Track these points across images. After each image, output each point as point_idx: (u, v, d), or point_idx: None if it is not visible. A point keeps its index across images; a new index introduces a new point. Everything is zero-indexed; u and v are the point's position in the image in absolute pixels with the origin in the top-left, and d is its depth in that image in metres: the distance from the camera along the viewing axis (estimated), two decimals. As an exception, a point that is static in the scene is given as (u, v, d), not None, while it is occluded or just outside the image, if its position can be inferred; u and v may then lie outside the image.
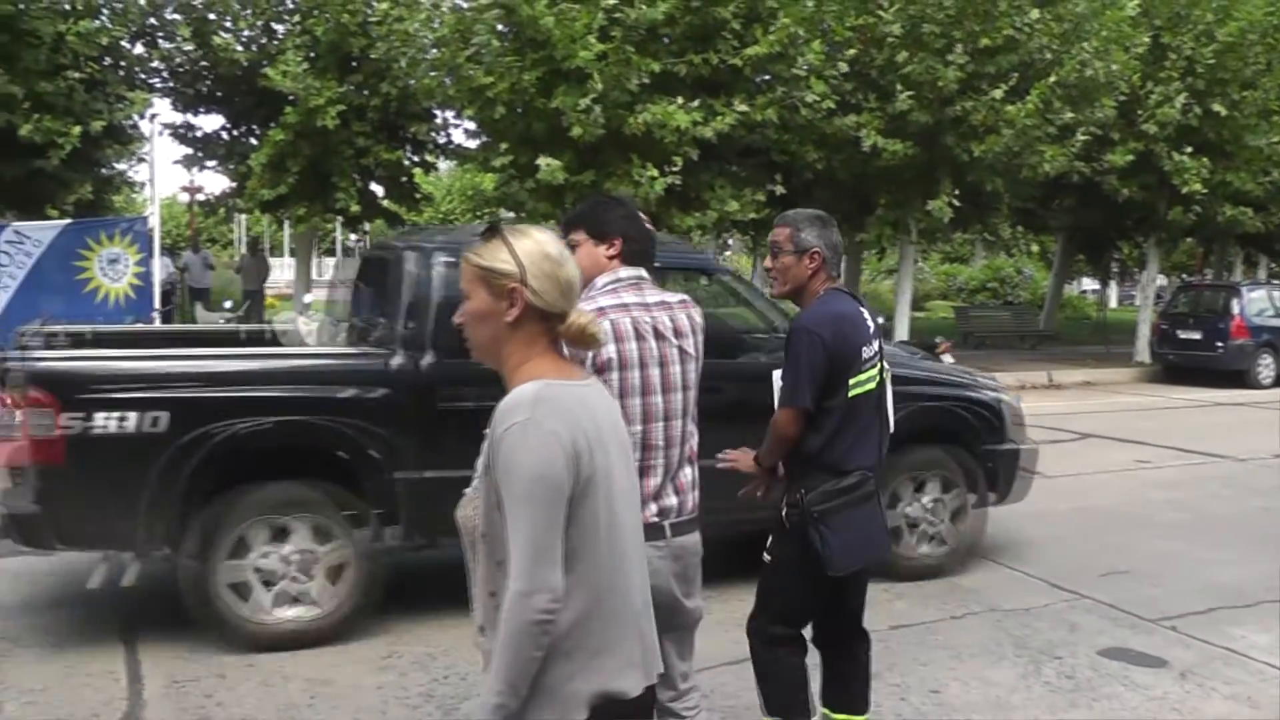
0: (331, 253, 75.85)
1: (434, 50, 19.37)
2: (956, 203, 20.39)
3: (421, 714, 5.78)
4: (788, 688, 4.84)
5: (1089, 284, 60.25)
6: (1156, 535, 9.96)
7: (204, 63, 23.59)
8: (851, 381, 4.59)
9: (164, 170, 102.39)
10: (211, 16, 22.76)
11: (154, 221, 17.49)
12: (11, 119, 20.03)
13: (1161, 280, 41.87)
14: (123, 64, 23.46)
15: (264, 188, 22.54)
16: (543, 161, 17.49)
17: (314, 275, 27.91)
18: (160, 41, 23.82)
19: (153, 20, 23.43)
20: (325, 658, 6.50)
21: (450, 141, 24.95)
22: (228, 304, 19.80)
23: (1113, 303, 55.32)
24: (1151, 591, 8.12)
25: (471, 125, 21.30)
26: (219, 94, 24.49)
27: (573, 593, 2.65)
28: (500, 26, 18.18)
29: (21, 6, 20.31)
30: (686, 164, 17.78)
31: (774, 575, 4.90)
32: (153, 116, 23.32)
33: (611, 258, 4.09)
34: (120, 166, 27.45)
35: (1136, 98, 23.05)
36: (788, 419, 4.65)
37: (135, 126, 24.76)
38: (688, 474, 4.12)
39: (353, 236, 67.71)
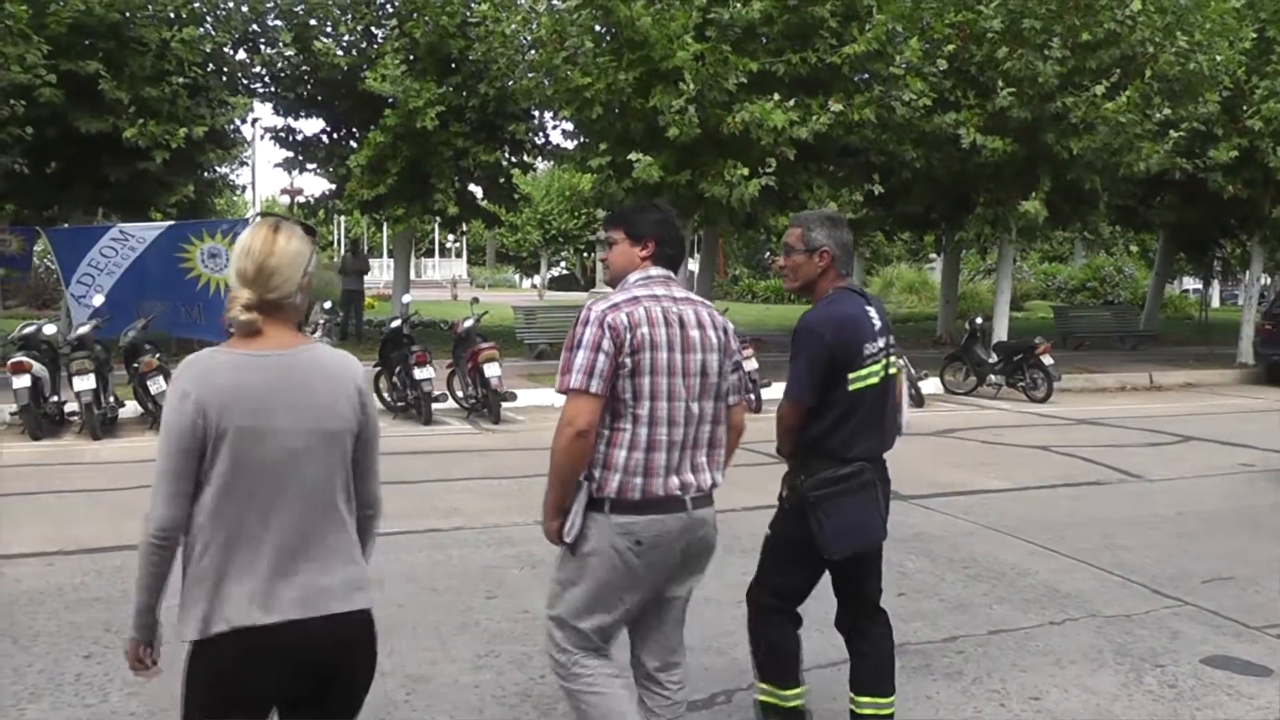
0: (430, 253, 76.36)
1: (531, 51, 19.51)
2: (1055, 200, 20.13)
3: (518, 713, 5.79)
4: (777, 655, 5.15)
5: (1191, 283, 59.22)
6: (1261, 540, 9.74)
7: (305, 67, 23.93)
8: (852, 376, 4.84)
9: (264, 173, 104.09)
10: (312, 22, 23.10)
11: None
12: (118, 122, 20.40)
13: (1266, 279, 40.98)
14: (225, 69, 23.84)
15: (363, 189, 22.81)
16: (636, 157, 17.54)
17: (412, 276, 28.11)
18: (262, 47, 24.22)
19: (255, 26, 23.84)
20: (423, 654, 6.54)
21: (548, 142, 25.12)
22: (327, 304, 20.02)
23: (1215, 302, 54.36)
24: (1256, 598, 7.94)
25: (569, 126, 21.40)
26: (319, 98, 24.82)
27: (205, 527, 3.19)
28: (597, 27, 18.25)
29: (128, 15, 20.69)
30: (783, 164, 17.72)
31: (773, 552, 5.20)
32: (254, 121, 23.73)
33: (645, 258, 4.46)
34: (222, 170, 27.87)
35: (1241, 93, 22.59)
36: (790, 411, 4.96)
37: (237, 130, 25.17)
38: (708, 458, 4.38)
39: (450, 237, 68.25)
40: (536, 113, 23.55)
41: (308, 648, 3.26)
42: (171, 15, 21.66)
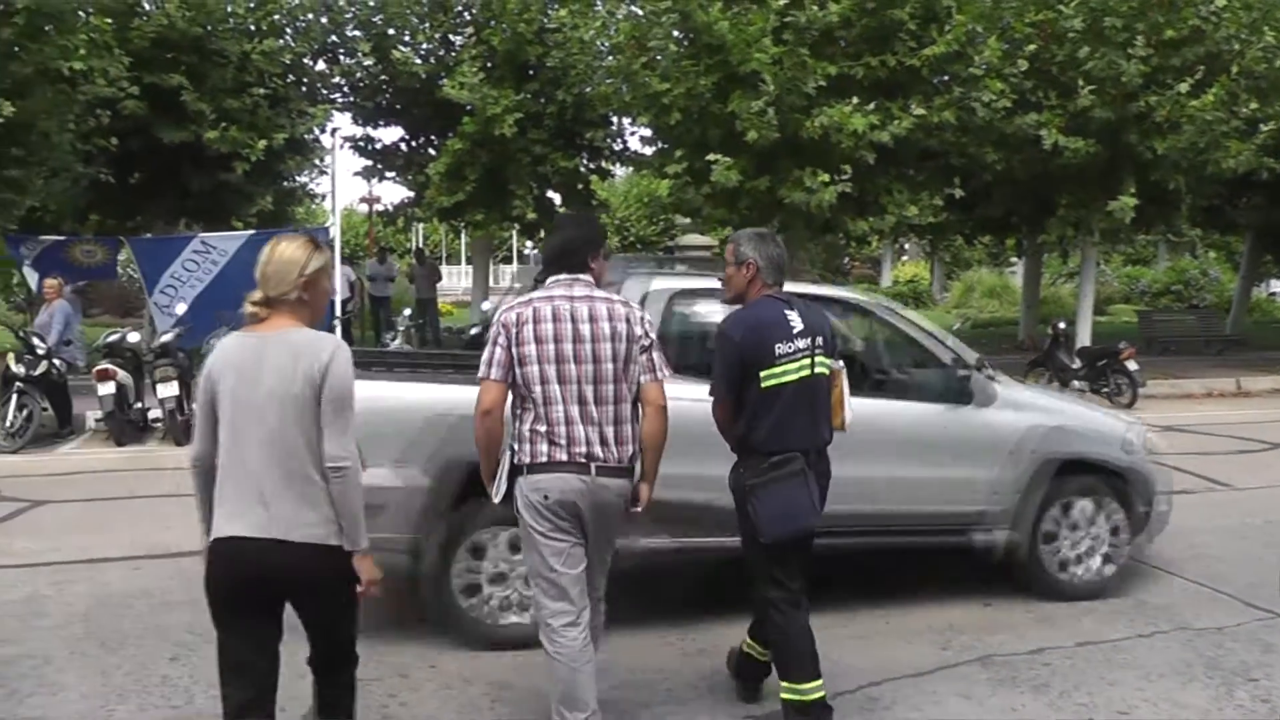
0: (509, 260, 76.64)
1: (610, 57, 19.51)
2: (1138, 201, 19.83)
3: (599, 722, 5.81)
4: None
5: (1279, 286, 58.20)
6: (1357, 549, 9.56)
7: (383, 76, 24.06)
8: (763, 375, 5.32)
9: (344, 181, 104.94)
10: (391, 31, 23.21)
11: (335, 232, 17.86)
12: (200, 132, 20.68)
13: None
14: (305, 80, 24.07)
15: (442, 196, 22.88)
16: (714, 158, 17.48)
17: (491, 282, 28.26)
18: (341, 57, 24.43)
19: (334, 37, 24.04)
20: (506, 660, 6.57)
21: (626, 148, 25.04)
22: (406, 312, 20.19)
23: (1305, 305, 53.43)
24: (1351, 609, 7.80)
25: (647, 131, 21.31)
26: (398, 106, 24.93)
27: (220, 460, 4.30)
28: (675, 32, 18.17)
29: (209, 28, 20.98)
30: (863, 168, 17.58)
31: (742, 545, 5.64)
32: (333, 130, 23.91)
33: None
34: (301, 179, 28.11)
35: (1332, 90, 22.15)
36: (716, 408, 5.60)
37: (316, 140, 25.36)
38: (615, 433, 5.10)
39: (528, 243, 68.45)
40: (614, 119, 23.53)
41: (255, 562, 4.22)
42: (252, 28, 21.96)
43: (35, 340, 15.16)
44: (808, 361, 5.39)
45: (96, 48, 18.04)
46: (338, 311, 17.76)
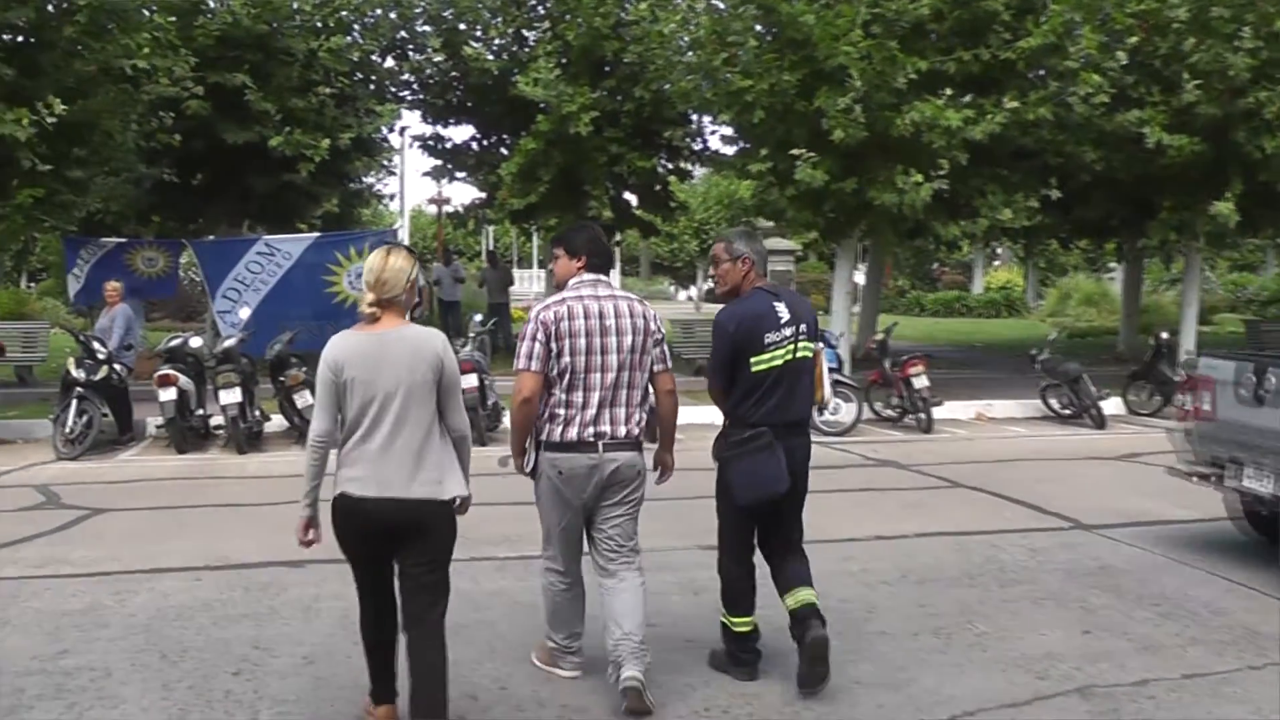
0: (582, 265, 76.69)
1: (690, 53, 19.45)
2: (1245, 204, 19.47)
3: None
4: (731, 589, 6.65)
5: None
6: None
7: (454, 73, 24.21)
8: (753, 360, 6.33)
9: (412, 182, 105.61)
10: (462, 26, 23.34)
11: (403, 234, 17.98)
12: (264, 133, 20.86)
13: None
14: (373, 78, 24.23)
15: (514, 197, 22.96)
16: (799, 151, 17.40)
17: (564, 287, 28.26)
18: (410, 54, 24.58)
19: (403, 33, 24.17)
20: (580, 684, 6.53)
21: (706, 147, 25.02)
22: (477, 317, 20.24)
23: None
24: None
25: (728, 130, 21.28)
26: (469, 104, 25.07)
27: (345, 435, 5.41)
28: (758, 26, 18.12)
29: (274, 25, 21.15)
30: (955, 169, 17.39)
31: (717, 505, 6.71)
32: (402, 129, 24.06)
33: (579, 268, 6.35)
34: (368, 179, 28.32)
35: None
36: (712, 390, 6.73)
37: (384, 139, 25.55)
38: (625, 414, 6.20)
39: (604, 247, 68.54)
40: (694, 117, 23.53)
41: (379, 516, 5.38)
42: (318, 25, 22.11)
43: (95, 344, 15.31)
44: (792, 347, 6.38)
45: (160, 46, 18.24)
46: (405, 317, 17.80)
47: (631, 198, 26.29)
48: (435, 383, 5.44)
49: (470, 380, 14.71)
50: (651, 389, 6.40)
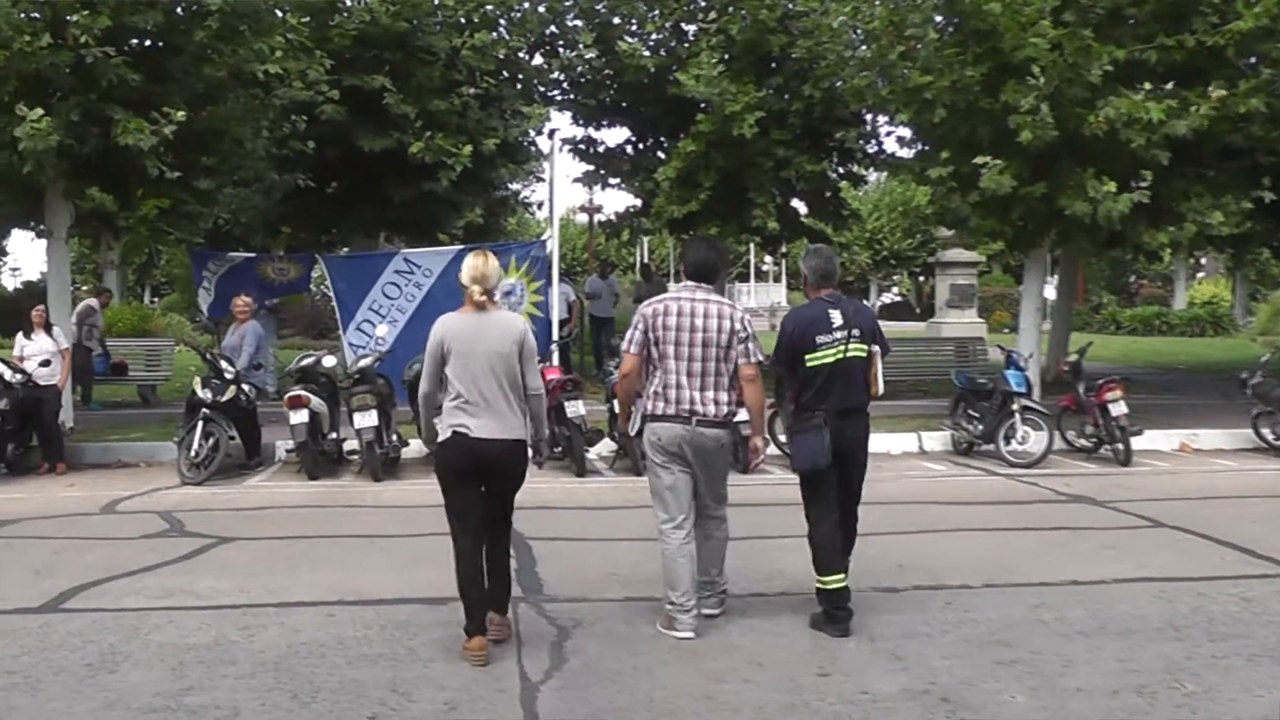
0: (744, 277, 76.42)
1: (864, 46, 19.32)
2: None
3: None
4: (817, 544, 8.39)
5: None
6: None
7: (607, 71, 24.25)
8: (808, 358, 8.27)
9: (562, 189, 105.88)
10: (616, 20, 23.42)
11: (552, 246, 18.03)
12: (403, 139, 21.11)
13: None
14: (520, 77, 24.41)
15: (672, 205, 22.92)
16: (983, 160, 17.03)
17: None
18: (560, 50, 24.62)
19: (553, 28, 24.28)
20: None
21: (881, 150, 24.77)
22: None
23: None
24: None
25: (905, 131, 21.09)
26: (623, 104, 25.15)
27: (447, 395, 7.66)
28: (938, 17, 17.93)
29: (415, 23, 21.37)
30: (1156, 169, 16.88)
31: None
32: (551, 132, 24.12)
33: (684, 276, 8.41)
34: (514, 186, 28.52)
35: None
36: (774, 373, 9.01)
37: (532, 143, 25.74)
38: (714, 396, 8.05)
39: (768, 259, 68.21)
40: (868, 117, 23.35)
41: (479, 451, 7.58)
42: (461, 20, 22.34)
43: (223, 363, 15.62)
44: (843, 348, 8.26)
45: (293, 49, 18.55)
46: (554, 334, 17.87)
47: (800, 205, 26.19)
48: (518, 353, 7.72)
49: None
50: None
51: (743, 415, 8.75)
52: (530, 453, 7.97)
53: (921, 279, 71.83)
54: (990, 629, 8.00)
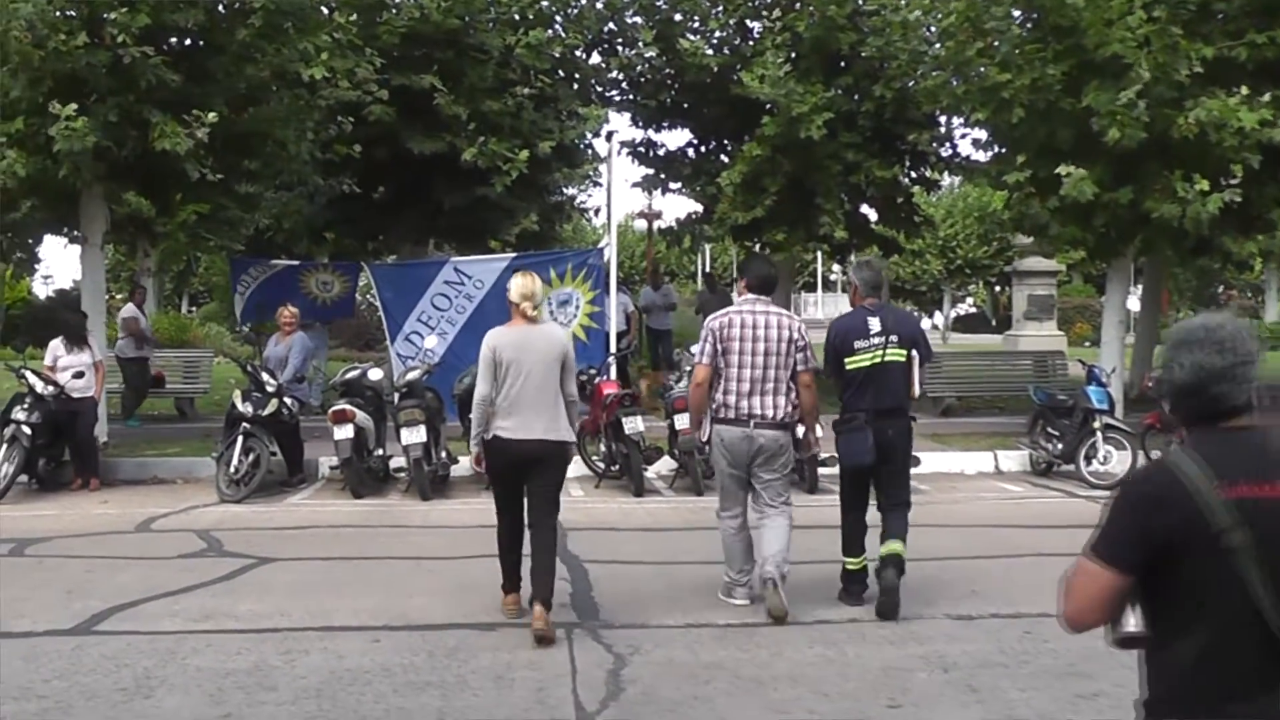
0: (810, 287, 76.13)
1: (938, 44, 19.22)
2: None
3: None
4: (846, 531, 9.69)
5: None
6: None
7: (668, 70, 24.26)
8: (847, 361, 9.40)
9: (620, 194, 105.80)
10: (678, 17, 23.39)
11: (610, 254, 17.97)
12: (455, 142, 21.09)
13: None
14: (576, 76, 24.38)
15: (736, 211, 22.85)
16: (1065, 170, 16.73)
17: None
18: (619, 49, 24.54)
19: (611, 25, 24.24)
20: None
21: (955, 153, 24.62)
22: (693, 348, 20.14)
23: None
24: None
25: (981, 134, 20.89)
26: (685, 105, 25.15)
27: (500, 398, 8.83)
28: (1017, 12, 17.79)
29: (467, 19, 21.33)
30: (1247, 174, 16.67)
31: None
32: (609, 134, 24.07)
33: (746, 290, 9.61)
34: (570, 191, 28.48)
35: None
36: (824, 376, 9.91)
37: (589, 146, 25.72)
38: (773, 401, 9.15)
39: (835, 268, 67.90)
40: (942, 118, 23.19)
41: (515, 451, 8.76)
42: (516, 17, 22.27)
43: (264, 376, 15.64)
44: (880, 353, 9.34)
45: (340, 47, 18.52)
46: (612, 347, 17.78)
47: (870, 211, 26.09)
48: (560, 363, 8.95)
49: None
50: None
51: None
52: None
53: (998, 289, 71.31)
54: (1070, 660, 7.85)
